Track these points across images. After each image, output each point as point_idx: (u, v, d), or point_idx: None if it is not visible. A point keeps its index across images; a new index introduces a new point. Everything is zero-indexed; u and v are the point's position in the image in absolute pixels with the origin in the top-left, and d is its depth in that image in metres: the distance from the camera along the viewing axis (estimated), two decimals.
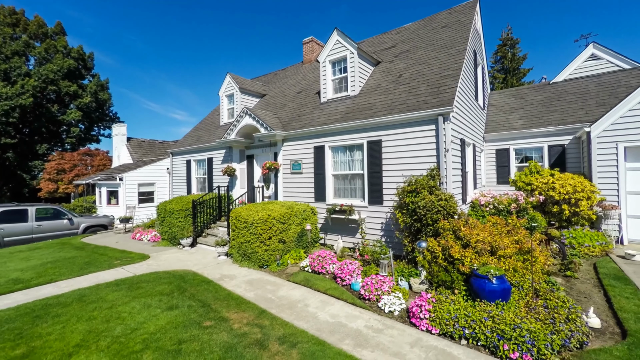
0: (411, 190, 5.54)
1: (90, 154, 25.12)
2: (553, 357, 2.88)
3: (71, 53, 28.16)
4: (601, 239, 6.12)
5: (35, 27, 27.61)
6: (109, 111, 31.80)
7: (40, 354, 3.24)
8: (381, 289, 4.45)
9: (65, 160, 23.34)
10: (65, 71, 26.74)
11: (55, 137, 28.74)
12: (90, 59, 30.25)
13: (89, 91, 28.53)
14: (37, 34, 27.86)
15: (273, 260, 6.17)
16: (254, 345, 3.35)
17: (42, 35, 28.11)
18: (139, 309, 4.28)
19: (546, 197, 6.91)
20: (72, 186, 22.24)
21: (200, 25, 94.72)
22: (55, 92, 26.85)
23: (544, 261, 4.35)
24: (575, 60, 9.74)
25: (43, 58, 26.64)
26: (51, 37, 28.50)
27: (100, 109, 30.41)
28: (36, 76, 25.42)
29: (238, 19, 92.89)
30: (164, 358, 3.14)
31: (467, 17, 8.48)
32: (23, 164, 26.62)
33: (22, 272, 6.13)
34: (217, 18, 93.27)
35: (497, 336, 3.13)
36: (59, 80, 26.53)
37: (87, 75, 30.33)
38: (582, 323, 3.27)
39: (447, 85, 6.16)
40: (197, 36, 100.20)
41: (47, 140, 28.05)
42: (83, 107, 28.17)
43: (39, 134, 27.62)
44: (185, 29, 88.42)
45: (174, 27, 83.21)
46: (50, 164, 23.04)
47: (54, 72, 25.96)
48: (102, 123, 31.67)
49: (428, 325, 3.61)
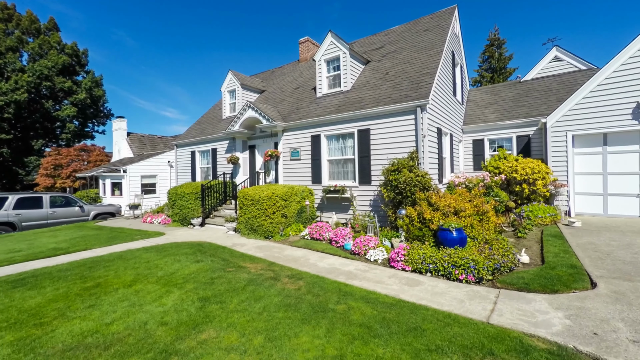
0: (394, 170, 6.68)
1: (87, 150, 25.57)
2: (488, 276, 4.06)
3: (65, 49, 28.48)
4: (552, 211, 7.39)
5: (27, 22, 27.81)
6: (104, 107, 32.15)
7: (107, 285, 4.26)
8: (368, 245, 5.59)
9: (61, 155, 23.80)
10: (60, 67, 27.09)
11: (50, 133, 29.03)
12: (84, 55, 30.57)
13: (84, 87, 28.89)
14: (30, 29, 28.06)
15: (277, 231, 7.24)
16: (269, 279, 4.44)
17: (35, 31, 28.33)
18: (171, 263, 5.31)
19: (510, 178, 8.17)
20: (70, 181, 22.76)
21: (193, 22, 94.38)
22: (50, 88, 27.17)
23: (496, 220, 5.56)
24: (541, 61, 11.07)
25: (37, 54, 26.93)
26: (44, 33, 28.73)
27: (94, 105, 30.76)
28: (30, 72, 25.73)
29: (231, 16, 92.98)
30: (202, 286, 4.19)
31: (446, 22, 9.67)
32: (18, 160, 26.89)
33: (57, 244, 7.06)
34: (209, 16, 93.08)
35: (451, 266, 4.29)
36: (53, 76, 26.87)
37: (81, 72, 30.64)
38: (514, 257, 4.47)
39: (425, 81, 7.33)
40: (189, 33, 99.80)
41: (42, 136, 28.34)
42: (78, 104, 28.53)
43: (33, 130, 27.88)
44: (177, 25, 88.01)
45: (165, 23, 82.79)
46: (46, 160, 23.48)
47: (48, 68, 26.30)
48: (97, 119, 32.03)
49: (403, 265, 4.75)
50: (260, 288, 4.06)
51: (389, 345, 2.64)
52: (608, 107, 7.25)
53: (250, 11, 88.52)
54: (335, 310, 3.33)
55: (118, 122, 18.90)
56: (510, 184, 8.29)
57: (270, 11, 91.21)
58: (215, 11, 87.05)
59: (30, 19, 27.94)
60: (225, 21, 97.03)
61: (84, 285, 4.28)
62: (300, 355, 2.55)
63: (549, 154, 8.09)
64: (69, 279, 4.57)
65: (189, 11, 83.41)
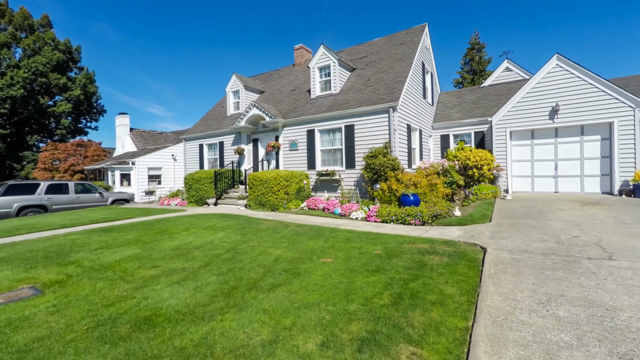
0: (372, 156, 8.87)
1: (83, 145, 26.74)
2: (429, 220, 6.29)
3: (59, 46, 29.37)
4: (494, 189, 9.79)
5: (20, 18, 28.57)
6: (97, 104, 33.11)
7: (170, 231, 6.24)
8: (351, 209, 7.76)
9: (59, 150, 24.94)
10: (55, 64, 28.03)
11: (44, 129, 29.86)
12: (77, 52, 31.47)
13: (78, 84, 29.88)
14: (23, 25, 28.83)
15: (281, 205, 9.32)
16: (282, 227, 6.53)
17: (28, 27, 29.10)
18: (207, 221, 7.31)
19: (465, 164, 10.53)
20: (68, 175, 23.98)
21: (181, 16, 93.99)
22: (45, 84, 28.06)
23: (443, 190, 7.84)
24: (496, 70, 13.57)
25: (32, 50, 27.76)
26: (37, 29, 29.52)
27: (87, 101, 31.73)
28: (26, 68, 26.61)
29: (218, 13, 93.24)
30: (237, 230, 6.24)
31: (418, 37, 11.97)
32: (13, 154, 27.69)
33: (103, 216, 8.88)
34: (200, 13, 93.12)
35: (406, 216, 6.51)
36: (48, 73, 27.79)
37: (74, 68, 31.53)
38: (450, 211, 6.74)
39: (397, 88, 9.56)
40: (175, 25, 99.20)
41: (37, 131, 29.17)
42: (72, 100, 29.50)
43: (28, 126, 28.69)
44: (162, 17, 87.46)
45: (149, 14, 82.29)
46: (44, 154, 24.58)
47: (43, 65, 27.23)
48: (89, 115, 32.96)
49: (375, 218, 6.94)
50: (277, 230, 6.16)
51: (359, 243, 4.80)
52: (533, 110, 9.70)
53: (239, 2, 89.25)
54: (329, 235, 5.47)
55: (121, 119, 20.39)
56: (466, 169, 10.67)
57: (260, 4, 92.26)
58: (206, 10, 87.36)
59: (24, 15, 28.71)
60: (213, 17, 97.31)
61: (154, 231, 6.25)
62: (310, 247, 4.67)
63: (494, 145, 10.51)
64: (140, 229, 6.52)
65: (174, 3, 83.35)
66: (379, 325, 2.31)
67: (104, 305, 2.87)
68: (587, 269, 3.24)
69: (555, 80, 9.31)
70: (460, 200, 9.22)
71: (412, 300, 2.69)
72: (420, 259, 3.82)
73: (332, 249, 4.55)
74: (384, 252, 4.24)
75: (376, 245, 4.62)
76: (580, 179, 9.30)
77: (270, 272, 3.61)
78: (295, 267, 3.73)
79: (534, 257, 3.71)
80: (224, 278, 3.45)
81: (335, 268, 3.65)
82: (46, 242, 5.47)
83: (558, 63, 9.25)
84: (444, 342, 2.06)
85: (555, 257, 3.67)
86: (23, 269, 3.93)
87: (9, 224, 8.17)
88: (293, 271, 3.60)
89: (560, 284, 2.90)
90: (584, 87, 8.88)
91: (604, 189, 8.96)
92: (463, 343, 2.06)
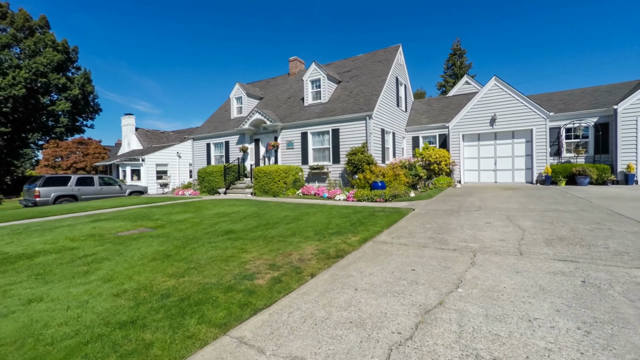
0: (353, 153, 11.62)
1: (84, 143, 28.58)
2: (390, 199, 9.08)
3: (57, 47, 30.96)
4: (449, 180, 12.72)
5: (21, 20, 30.05)
6: (94, 103, 34.76)
7: (203, 206, 8.82)
8: (336, 193, 10.50)
9: (61, 148, 26.78)
10: (55, 64, 29.67)
11: (43, 127, 31.40)
12: (74, 52, 33.08)
13: (77, 84, 31.55)
14: (23, 27, 30.31)
15: (280, 192, 11.98)
16: (285, 204, 9.19)
17: (28, 29, 30.59)
18: (226, 203, 9.89)
19: (429, 161, 13.45)
20: (70, 172, 25.87)
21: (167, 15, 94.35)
22: (45, 84, 29.67)
23: (405, 179, 10.69)
24: (458, 83, 16.59)
25: (32, 51, 29.32)
26: (36, 30, 31.03)
27: (85, 100, 33.39)
28: (27, 68, 28.20)
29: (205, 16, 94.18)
30: (253, 206, 8.86)
31: (392, 56, 14.80)
32: (13, 152, 29.21)
33: (139, 201, 11.30)
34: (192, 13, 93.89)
35: (374, 196, 9.29)
36: (48, 73, 29.42)
37: (71, 68, 33.13)
38: (406, 193, 9.56)
39: (373, 100, 12.34)
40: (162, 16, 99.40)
41: (36, 130, 30.71)
42: (71, 99, 31.16)
43: (28, 124, 30.21)
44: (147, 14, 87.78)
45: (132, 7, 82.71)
46: (46, 152, 26.38)
47: (44, 65, 28.86)
48: (86, 114, 34.59)
49: (352, 199, 9.70)
50: (282, 205, 8.84)
51: (338, 210, 7.53)
52: (479, 118, 12.68)
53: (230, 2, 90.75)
54: (318, 207, 8.18)
55: (127, 119, 22.52)
56: (430, 164, 13.59)
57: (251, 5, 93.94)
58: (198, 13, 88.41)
59: (24, 17, 30.20)
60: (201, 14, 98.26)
61: (193, 207, 8.81)
62: (306, 212, 7.35)
63: (450, 146, 13.46)
64: (181, 206, 9.05)
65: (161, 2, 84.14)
66: (342, 230, 5.04)
67: (201, 229, 5.48)
68: (459, 215, 6.06)
69: (493, 96, 12.31)
70: (420, 188, 12.10)
71: (360, 225, 5.44)
72: (372, 213, 6.59)
73: (320, 212, 7.26)
74: (352, 211, 6.98)
75: (349, 209, 7.36)
76: (512, 172, 12.35)
77: (283, 220, 6.30)
78: (298, 218, 6.44)
79: (438, 212, 6.52)
80: (258, 221, 6.12)
81: (322, 217, 6.37)
82: (125, 212, 7.95)
83: (495, 83, 12.25)
84: (368, 234, 4.81)
85: (450, 212, 6.49)
86: (130, 222, 6.47)
87: (73, 205, 10.52)
88: (297, 219, 6.30)
89: (437, 220, 5.70)
90: (513, 102, 11.91)
91: (527, 179, 12.03)
92: (378, 233, 4.81)
